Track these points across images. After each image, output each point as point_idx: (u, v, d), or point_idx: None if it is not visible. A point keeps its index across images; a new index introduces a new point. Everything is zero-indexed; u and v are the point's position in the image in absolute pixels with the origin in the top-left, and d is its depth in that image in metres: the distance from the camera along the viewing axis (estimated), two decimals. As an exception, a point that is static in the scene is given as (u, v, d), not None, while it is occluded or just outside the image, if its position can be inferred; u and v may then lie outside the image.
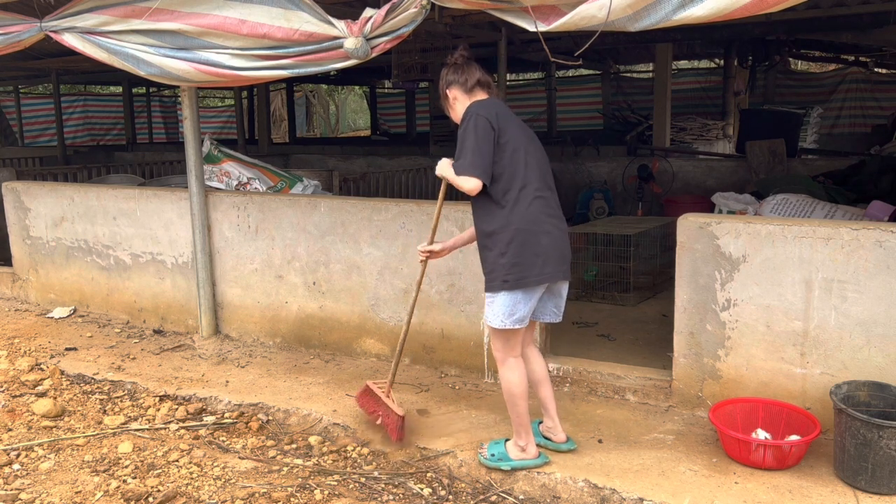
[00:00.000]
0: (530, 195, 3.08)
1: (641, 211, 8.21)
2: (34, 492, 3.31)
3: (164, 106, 19.26)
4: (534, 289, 3.12)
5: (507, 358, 3.25)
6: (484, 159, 3.02)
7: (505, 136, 3.07)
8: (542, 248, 3.07)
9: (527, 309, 3.15)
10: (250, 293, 5.15)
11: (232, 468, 3.51)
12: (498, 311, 3.13)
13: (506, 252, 3.07)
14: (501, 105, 3.18)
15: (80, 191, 5.96)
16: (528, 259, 3.06)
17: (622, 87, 15.22)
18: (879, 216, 5.38)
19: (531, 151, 3.15)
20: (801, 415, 3.38)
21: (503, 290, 3.10)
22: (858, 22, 7.51)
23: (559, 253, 3.14)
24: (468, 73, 3.22)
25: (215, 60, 3.96)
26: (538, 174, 3.14)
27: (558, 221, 3.17)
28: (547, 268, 3.09)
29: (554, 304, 3.32)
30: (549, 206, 3.14)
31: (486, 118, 3.04)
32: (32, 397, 4.40)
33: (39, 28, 4.49)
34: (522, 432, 3.30)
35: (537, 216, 3.08)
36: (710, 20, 2.89)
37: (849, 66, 13.48)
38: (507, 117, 3.13)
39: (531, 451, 3.31)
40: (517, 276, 3.06)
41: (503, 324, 3.13)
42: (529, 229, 3.06)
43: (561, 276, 3.19)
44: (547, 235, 3.09)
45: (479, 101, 3.17)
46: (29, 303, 6.38)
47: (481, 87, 3.22)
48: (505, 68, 7.35)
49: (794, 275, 3.49)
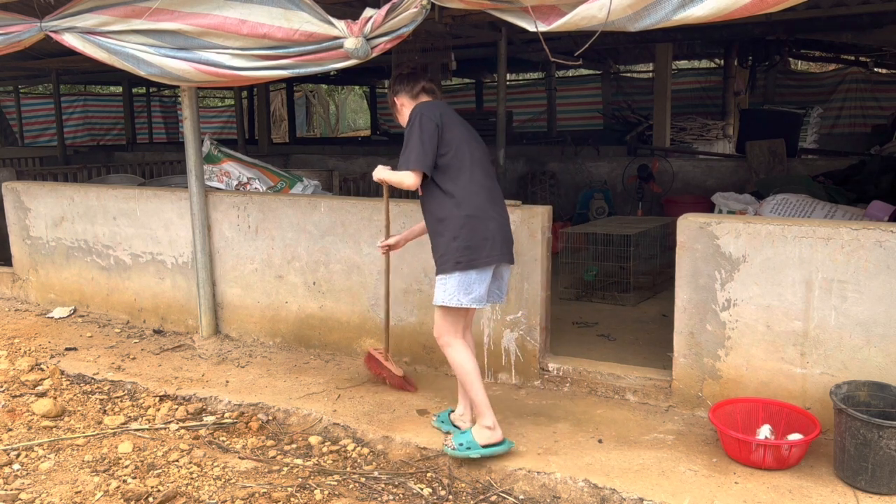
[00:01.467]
0: (477, 185, 3.36)
1: (641, 211, 8.22)
2: (34, 492, 3.31)
3: (164, 106, 19.26)
4: (484, 269, 3.36)
5: (452, 341, 3.43)
6: (427, 154, 3.28)
7: (449, 133, 3.35)
8: (490, 233, 3.34)
9: (483, 288, 3.37)
10: (250, 293, 5.15)
11: (232, 468, 3.51)
12: (452, 291, 3.33)
13: (458, 236, 3.31)
14: (445, 106, 3.45)
15: (80, 191, 5.96)
16: (479, 242, 3.31)
17: (622, 87, 15.22)
18: (879, 216, 5.38)
19: (474, 147, 3.43)
20: (801, 415, 3.38)
21: (457, 271, 3.32)
22: (858, 22, 7.51)
23: (504, 237, 3.41)
24: (414, 82, 3.49)
25: (215, 60, 3.96)
26: (481, 168, 3.42)
27: (501, 210, 3.46)
28: (495, 250, 3.35)
29: (497, 287, 3.52)
30: (493, 196, 3.43)
31: (431, 117, 3.31)
32: (32, 397, 4.40)
33: (39, 28, 4.49)
34: (486, 412, 3.40)
35: (484, 204, 3.36)
36: (710, 20, 2.89)
37: (849, 66, 13.48)
38: (451, 117, 3.41)
39: (498, 433, 3.39)
40: (469, 258, 3.31)
41: (459, 302, 3.33)
42: (478, 215, 3.33)
43: (506, 259, 3.44)
44: (493, 221, 3.36)
45: (424, 102, 3.44)
46: (29, 303, 6.38)
47: (426, 93, 3.50)
48: (505, 68, 7.34)
49: (794, 275, 3.49)
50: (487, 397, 3.42)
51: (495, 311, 4.26)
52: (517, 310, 4.21)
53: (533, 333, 4.19)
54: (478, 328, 4.33)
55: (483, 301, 3.38)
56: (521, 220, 4.14)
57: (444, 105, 3.45)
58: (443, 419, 3.73)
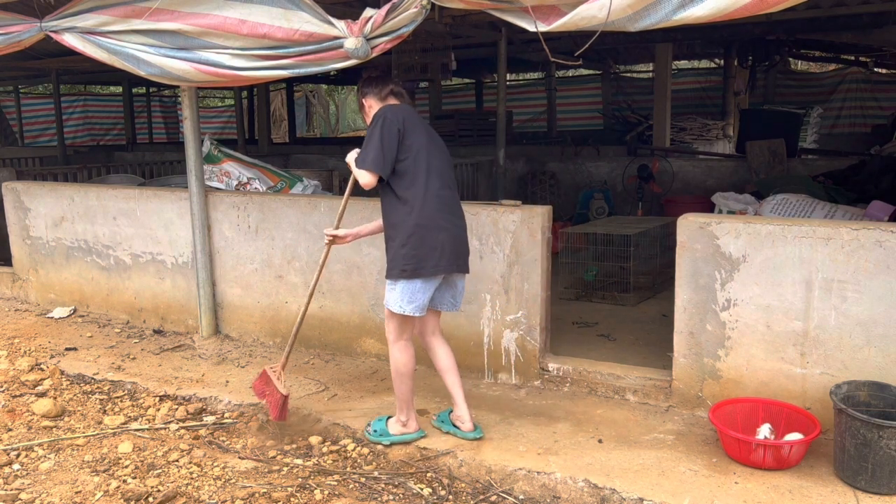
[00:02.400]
0: (432, 194, 3.37)
1: (641, 211, 8.21)
2: (34, 492, 3.31)
3: (164, 106, 19.26)
4: (430, 279, 3.40)
5: (398, 340, 3.54)
6: (385, 157, 3.32)
7: (410, 139, 3.37)
8: (438, 243, 3.36)
9: (425, 298, 3.42)
10: (250, 293, 5.15)
11: (232, 468, 3.51)
12: (398, 298, 3.40)
13: (406, 244, 3.35)
14: (410, 110, 3.50)
15: (80, 191, 5.96)
16: (426, 252, 3.34)
17: (622, 87, 15.21)
18: (879, 216, 5.38)
19: (434, 154, 3.44)
20: (801, 415, 3.38)
21: (402, 279, 3.38)
22: (858, 22, 7.51)
23: (455, 248, 3.43)
24: (382, 84, 3.55)
25: (215, 60, 3.96)
26: (440, 175, 3.43)
27: (456, 219, 3.47)
28: (442, 261, 3.37)
29: (451, 295, 3.59)
30: (449, 204, 3.44)
31: (393, 121, 3.35)
32: (32, 397, 4.40)
33: (40, 28, 4.49)
34: (405, 408, 3.59)
35: (436, 214, 3.38)
36: (710, 20, 2.89)
37: (849, 66, 13.48)
38: (414, 122, 3.43)
39: (412, 426, 3.60)
40: (414, 266, 3.35)
41: (402, 310, 3.40)
42: (428, 225, 3.35)
43: (456, 269, 3.47)
44: (445, 231, 3.38)
45: (389, 105, 3.48)
46: (29, 303, 6.38)
47: (394, 96, 3.55)
48: (505, 68, 7.34)
49: (794, 275, 3.49)
50: (412, 397, 3.60)
51: (495, 311, 4.26)
52: (517, 310, 4.21)
53: (533, 333, 4.19)
54: (478, 328, 4.33)
55: (424, 310, 3.45)
56: (521, 220, 4.14)
57: (409, 109, 3.50)
58: (443, 419, 3.76)
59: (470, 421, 3.61)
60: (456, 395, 3.63)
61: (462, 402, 3.62)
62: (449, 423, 3.70)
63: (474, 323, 4.34)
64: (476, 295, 4.31)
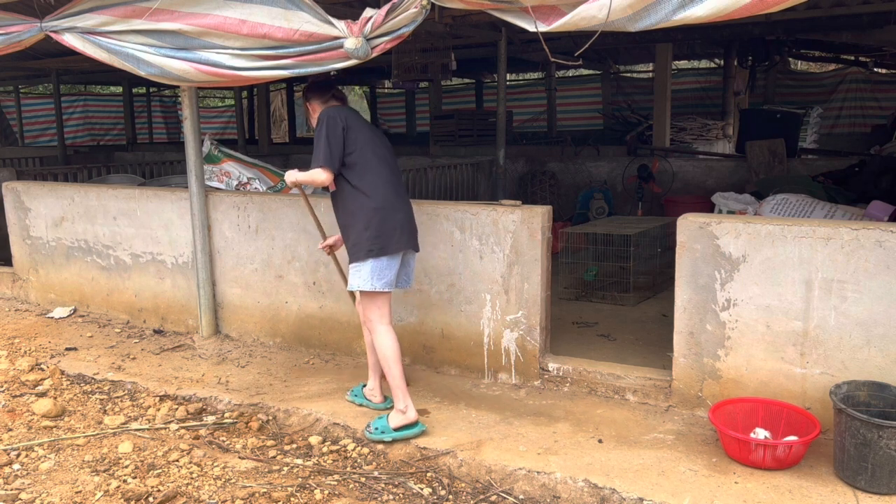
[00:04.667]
0: (383, 180, 3.69)
1: (641, 211, 8.21)
2: (34, 492, 3.31)
3: (164, 106, 19.25)
4: (394, 255, 3.68)
5: (379, 325, 3.71)
6: (334, 154, 3.61)
7: (354, 134, 3.68)
8: (398, 223, 3.67)
9: (392, 274, 3.68)
10: (250, 293, 5.15)
11: (232, 468, 3.51)
12: (367, 277, 3.64)
13: (369, 226, 3.63)
14: (350, 111, 3.83)
15: (81, 191, 5.96)
16: (388, 231, 3.64)
17: (622, 87, 15.21)
18: (879, 216, 5.38)
19: (379, 145, 3.77)
20: (800, 415, 3.38)
21: (370, 258, 3.63)
22: (858, 22, 7.51)
23: (409, 227, 3.75)
24: (326, 90, 3.90)
25: (215, 60, 3.96)
26: (387, 165, 3.76)
27: (406, 202, 3.79)
28: (403, 238, 3.68)
29: (405, 273, 3.86)
30: (399, 190, 3.77)
31: (336, 118, 3.66)
32: (32, 397, 4.40)
33: (40, 28, 4.49)
34: (401, 395, 3.69)
35: (391, 197, 3.69)
36: (710, 20, 2.89)
37: (849, 66, 13.47)
38: (355, 120, 3.75)
39: (411, 414, 3.67)
40: (380, 245, 3.62)
41: (373, 286, 3.63)
42: (387, 207, 3.66)
43: (412, 247, 3.79)
44: (400, 212, 3.70)
45: (331, 107, 3.79)
46: (29, 303, 6.38)
47: (336, 100, 3.89)
48: (505, 68, 7.33)
49: (794, 275, 3.49)
50: (404, 382, 3.70)
51: (495, 311, 4.27)
52: (517, 310, 4.21)
53: (533, 333, 4.19)
54: (477, 328, 4.33)
55: (393, 285, 3.70)
56: (521, 220, 4.14)
57: (349, 110, 3.83)
58: (356, 393, 4.08)
59: (381, 394, 4.01)
60: (375, 371, 4.00)
61: (377, 378, 4.00)
62: (362, 397, 4.04)
63: (474, 323, 4.35)
64: (476, 295, 4.31)
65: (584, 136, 11.19)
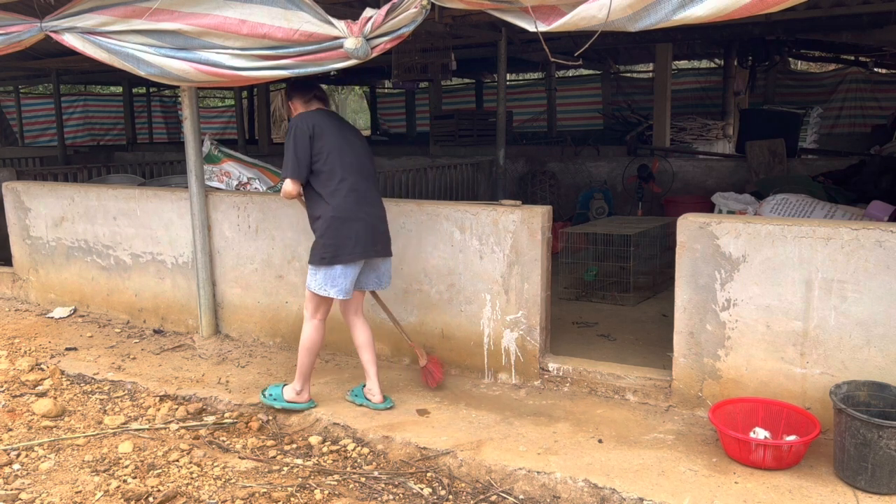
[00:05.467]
0: (346, 189, 3.77)
1: (641, 211, 8.21)
2: (34, 492, 3.31)
3: (164, 106, 19.25)
4: (348, 265, 3.77)
5: (313, 318, 3.92)
6: (300, 164, 3.74)
7: (321, 142, 3.76)
8: (353, 232, 3.75)
9: (347, 282, 3.80)
10: (250, 293, 5.15)
11: (232, 468, 3.51)
12: (320, 282, 3.79)
13: (325, 234, 3.75)
14: (324, 115, 3.86)
15: (81, 191, 5.96)
16: (342, 241, 3.74)
17: (622, 87, 15.21)
18: (879, 216, 5.38)
19: (348, 151, 3.83)
20: (800, 415, 3.38)
21: (322, 266, 3.76)
22: (858, 22, 7.51)
23: (370, 236, 3.82)
24: (307, 91, 3.96)
25: (215, 60, 3.96)
26: (355, 171, 3.81)
27: (373, 209, 3.86)
28: (357, 248, 3.77)
29: (375, 276, 3.99)
30: (364, 197, 3.83)
31: (303, 128, 3.74)
32: (32, 397, 4.40)
33: (40, 28, 4.49)
34: (301, 380, 3.97)
35: (352, 206, 3.77)
36: (710, 20, 2.89)
37: (849, 66, 13.47)
38: (327, 126, 3.81)
39: (304, 397, 3.99)
40: (332, 254, 3.74)
41: (326, 292, 3.78)
42: (344, 217, 3.74)
43: (374, 254, 3.87)
44: (360, 222, 3.78)
45: (302, 112, 3.87)
46: (29, 303, 6.38)
47: (318, 101, 3.96)
48: (505, 68, 7.33)
49: (794, 275, 3.49)
50: (310, 371, 3.96)
51: (495, 311, 4.27)
52: (517, 310, 4.21)
53: (533, 333, 4.19)
54: (477, 328, 4.33)
55: (348, 293, 3.82)
56: (521, 220, 4.14)
57: (321, 115, 3.86)
58: (356, 393, 4.10)
59: (380, 394, 3.99)
60: (369, 370, 4.00)
61: (374, 376, 4.00)
62: (362, 397, 4.04)
63: (474, 323, 4.35)
64: (476, 295, 4.31)
65: (584, 136, 11.19)
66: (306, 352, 3.93)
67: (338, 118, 3.98)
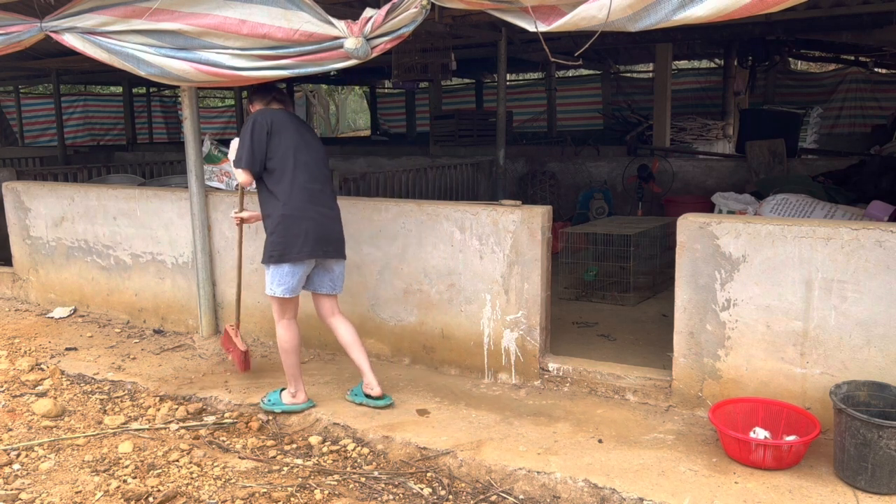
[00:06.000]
0: (297, 187, 3.79)
1: (641, 211, 8.21)
2: (34, 492, 3.31)
3: (164, 106, 19.24)
4: (296, 264, 3.79)
5: (281, 319, 3.94)
6: (255, 157, 3.79)
7: (277, 139, 3.81)
8: (302, 231, 3.75)
9: (295, 281, 3.82)
10: (250, 293, 5.14)
11: (232, 468, 3.51)
12: (269, 280, 3.84)
13: (274, 232, 3.79)
14: (281, 114, 3.91)
15: (81, 191, 5.96)
16: (291, 239, 3.75)
17: (622, 87, 15.21)
18: (879, 216, 5.38)
19: (303, 151, 3.86)
20: (800, 415, 3.38)
21: (271, 264, 3.80)
22: (858, 22, 7.50)
23: (320, 235, 3.81)
24: (266, 93, 4.04)
25: (215, 60, 3.96)
26: (308, 171, 3.84)
27: (325, 209, 3.87)
28: (306, 247, 3.76)
29: (329, 279, 3.99)
30: (317, 197, 3.84)
31: (262, 123, 3.80)
32: (32, 397, 4.40)
33: (40, 28, 4.49)
34: (293, 382, 3.99)
35: (303, 205, 3.78)
36: (710, 20, 2.89)
37: (849, 66, 13.47)
38: (284, 124, 3.86)
39: (300, 398, 4.00)
40: (280, 252, 3.76)
41: (273, 291, 3.82)
42: (294, 215, 3.75)
43: (322, 255, 3.86)
44: (310, 220, 3.78)
45: (261, 110, 3.92)
46: (29, 303, 6.38)
47: (277, 102, 4.03)
48: (505, 68, 7.33)
49: (794, 275, 3.49)
50: (299, 370, 3.98)
51: (495, 311, 4.27)
52: (517, 310, 4.21)
53: (533, 333, 4.19)
54: (478, 328, 4.33)
55: (296, 292, 3.85)
56: (521, 220, 4.14)
57: (280, 113, 3.91)
58: (356, 392, 4.09)
59: (378, 387, 3.97)
60: (362, 366, 3.99)
61: (369, 371, 3.98)
62: (361, 395, 4.02)
63: (474, 323, 4.35)
64: (476, 295, 4.31)
65: (584, 136, 11.18)
66: (286, 353, 3.95)
67: (297, 119, 4.04)
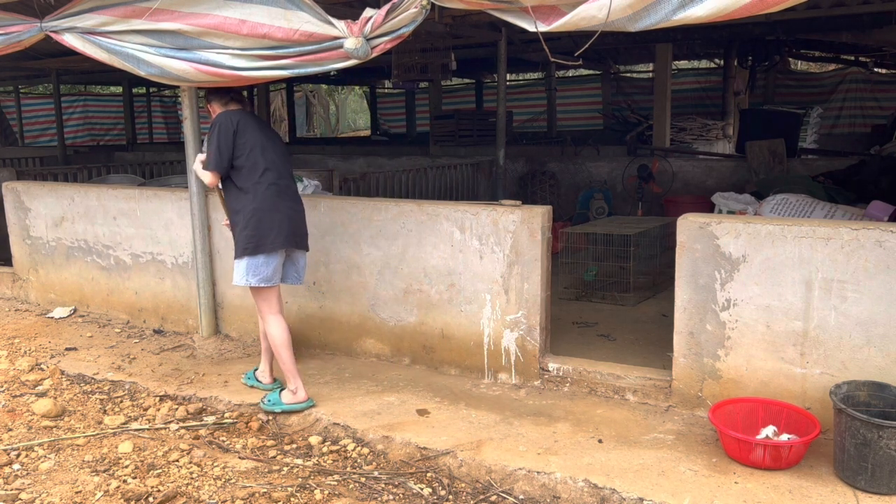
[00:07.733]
0: (266, 183, 3.93)
1: (641, 211, 8.22)
2: (34, 492, 3.31)
3: (164, 106, 19.24)
4: (270, 254, 3.92)
5: (268, 315, 4.03)
6: (222, 158, 3.90)
7: (243, 138, 3.93)
8: (275, 223, 3.91)
9: (270, 270, 3.95)
10: (250, 293, 5.13)
11: (232, 468, 3.51)
12: (242, 272, 3.94)
13: (247, 226, 3.90)
14: (245, 114, 4.04)
15: (80, 191, 5.96)
16: (264, 231, 3.89)
17: (622, 87, 15.21)
18: (879, 216, 5.38)
19: (269, 149, 4.00)
20: (800, 415, 3.38)
21: (245, 256, 3.92)
22: (858, 22, 7.50)
23: (290, 227, 3.97)
24: (224, 94, 4.14)
25: (215, 60, 3.96)
26: (275, 168, 3.98)
27: (292, 203, 4.03)
28: (279, 238, 3.92)
29: (294, 270, 4.16)
30: (284, 192, 4.00)
31: (227, 124, 3.92)
32: (32, 397, 4.40)
33: (40, 28, 4.49)
34: (291, 378, 4.04)
35: (272, 199, 3.93)
36: (710, 20, 2.89)
37: (849, 66, 13.47)
38: (248, 124, 3.98)
39: (301, 395, 4.03)
40: (255, 244, 3.89)
41: (248, 281, 3.93)
42: (265, 208, 3.91)
43: (293, 245, 4.03)
44: (280, 213, 3.94)
45: (226, 111, 4.03)
46: (29, 303, 6.38)
47: (235, 102, 4.14)
48: (505, 68, 7.34)
49: (794, 275, 3.49)
50: (295, 365, 4.03)
51: (495, 311, 4.27)
52: (517, 310, 4.21)
53: (533, 333, 4.19)
54: (478, 328, 4.33)
55: (270, 282, 3.96)
56: (521, 221, 4.14)
57: (243, 114, 4.03)
58: (249, 376, 4.39)
59: (270, 377, 4.33)
60: (266, 358, 4.30)
61: (267, 364, 4.31)
62: (254, 380, 4.35)
63: (474, 323, 4.35)
64: (476, 295, 4.31)
65: (584, 136, 11.18)
66: (280, 349, 4.01)
67: (258, 118, 4.18)
